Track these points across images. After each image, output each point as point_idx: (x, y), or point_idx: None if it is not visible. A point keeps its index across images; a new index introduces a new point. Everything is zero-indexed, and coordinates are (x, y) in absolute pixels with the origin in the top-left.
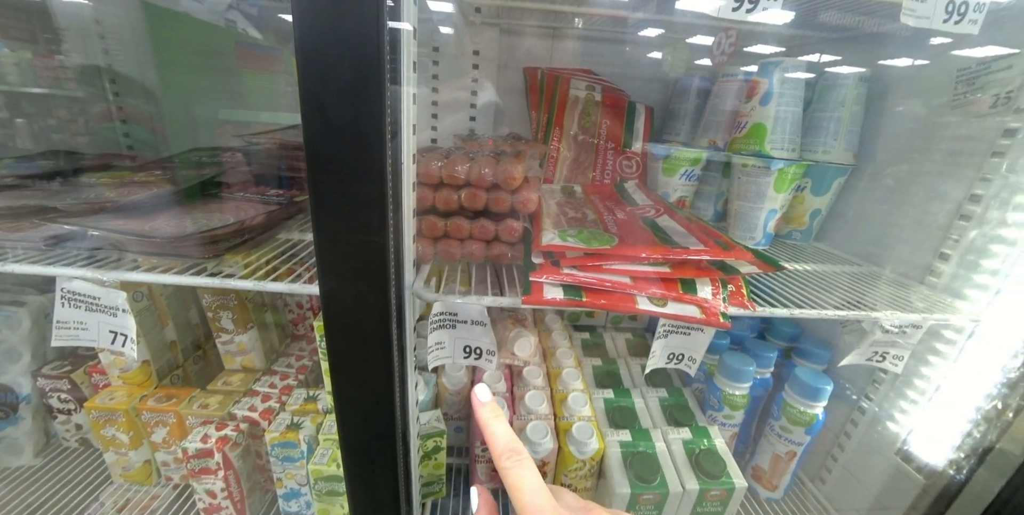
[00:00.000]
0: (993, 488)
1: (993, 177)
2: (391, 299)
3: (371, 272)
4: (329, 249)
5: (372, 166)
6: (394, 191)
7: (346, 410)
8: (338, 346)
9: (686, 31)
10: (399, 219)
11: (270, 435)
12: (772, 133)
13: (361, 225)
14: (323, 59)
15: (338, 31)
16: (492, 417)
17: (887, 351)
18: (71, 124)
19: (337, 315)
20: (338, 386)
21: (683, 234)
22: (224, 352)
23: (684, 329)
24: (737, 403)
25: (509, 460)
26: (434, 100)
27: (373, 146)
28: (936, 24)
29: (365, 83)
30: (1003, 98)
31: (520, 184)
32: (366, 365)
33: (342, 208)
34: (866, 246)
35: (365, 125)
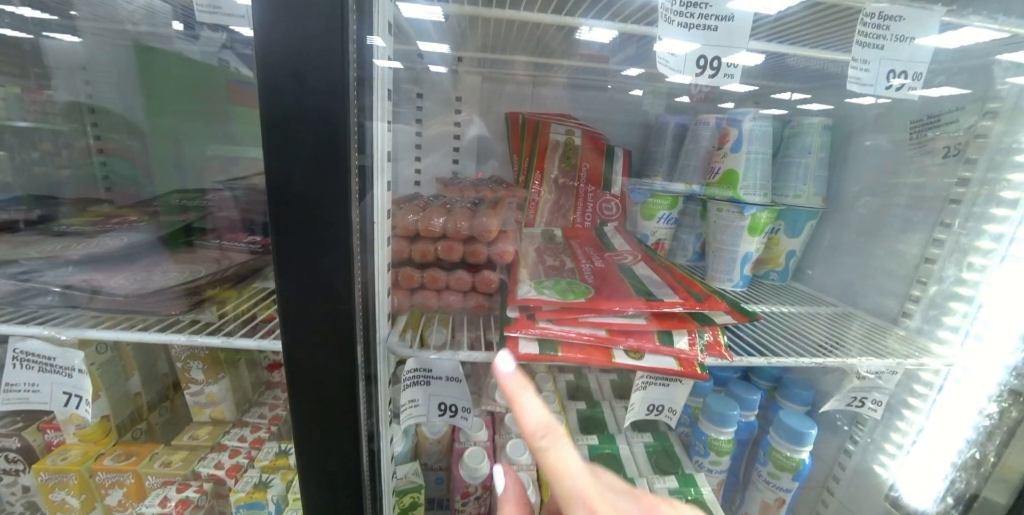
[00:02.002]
0: None
1: (951, 222)
2: (357, 357)
3: (336, 336)
4: (292, 315)
5: (336, 236)
6: (364, 248)
7: (309, 473)
8: (301, 407)
9: (663, 78)
10: (370, 274)
11: (235, 496)
12: (744, 179)
13: (325, 293)
14: (289, 134)
15: (304, 105)
16: (519, 387)
17: (865, 396)
18: (54, 158)
19: (300, 377)
20: (301, 450)
21: (659, 284)
22: (193, 403)
23: (663, 380)
24: (723, 448)
25: (544, 439)
26: (417, 143)
27: (336, 217)
28: (879, 90)
29: (331, 156)
30: (953, 150)
31: (496, 236)
32: (330, 427)
33: (305, 276)
34: (841, 286)
35: (328, 197)
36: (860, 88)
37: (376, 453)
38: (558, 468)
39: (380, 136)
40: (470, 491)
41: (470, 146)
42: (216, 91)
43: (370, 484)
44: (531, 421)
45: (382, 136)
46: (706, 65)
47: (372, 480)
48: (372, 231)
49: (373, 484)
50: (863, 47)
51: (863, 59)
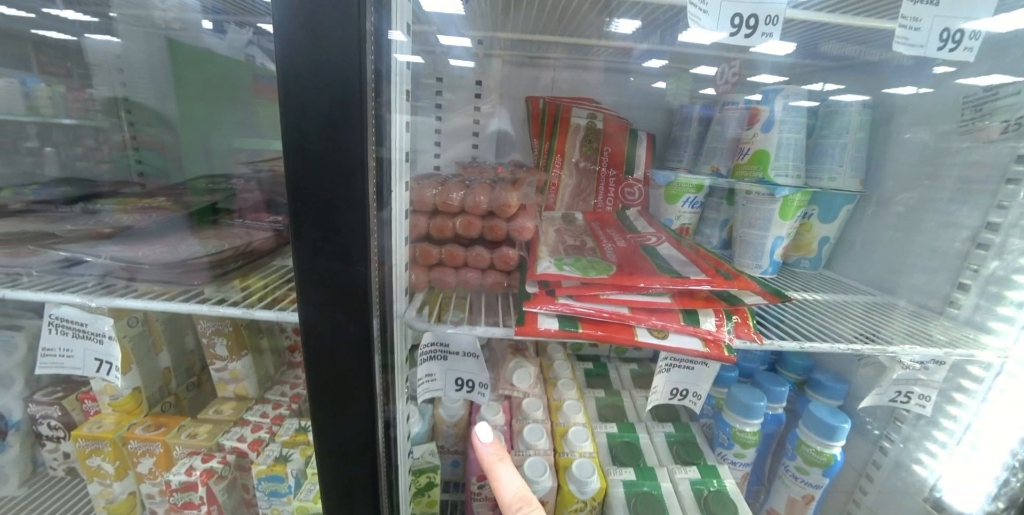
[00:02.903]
0: None
1: (1010, 204)
2: (372, 329)
3: (351, 301)
4: (308, 277)
5: (352, 196)
6: (381, 218)
7: (325, 444)
8: (317, 377)
9: (689, 61)
10: (387, 247)
11: (257, 468)
12: (775, 160)
13: (340, 253)
14: (304, 91)
15: (319, 62)
16: (497, 460)
17: (911, 390)
18: (95, 152)
19: (316, 345)
20: (317, 420)
21: (684, 263)
22: (217, 379)
23: (687, 363)
24: (748, 441)
25: (520, 511)
26: (437, 128)
27: (352, 176)
28: (931, 52)
29: (345, 113)
30: (1013, 124)
31: (516, 211)
32: (346, 398)
33: (320, 235)
34: (878, 275)
35: (344, 155)
36: (908, 49)
37: (392, 428)
38: None
39: (397, 103)
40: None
41: (490, 131)
42: (242, 85)
43: (385, 458)
44: (508, 493)
45: (399, 104)
46: (742, 24)
47: (388, 454)
48: (389, 200)
49: (388, 458)
50: (915, 3)
51: (914, 17)
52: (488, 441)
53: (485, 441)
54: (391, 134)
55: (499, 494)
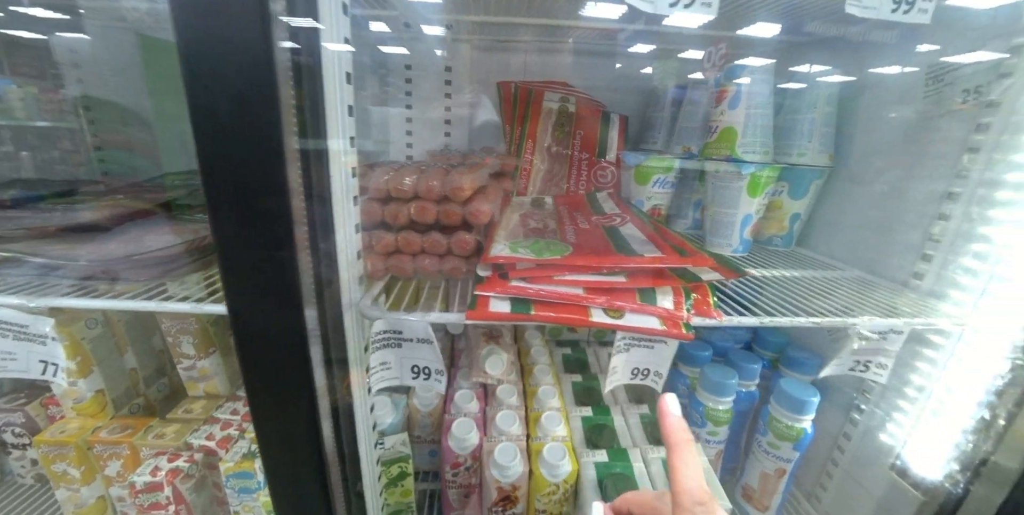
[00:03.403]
0: (992, 504)
1: (969, 174)
2: (305, 319)
3: (279, 291)
4: (230, 266)
5: (269, 181)
6: (315, 205)
7: (265, 439)
8: (250, 370)
9: (663, 41)
10: (331, 234)
11: (225, 465)
12: (743, 137)
13: (261, 241)
14: (208, 72)
15: (222, 41)
16: (686, 440)
17: (870, 360)
18: (54, 152)
19: (246, 337)
20: (256, 415)
21: (643, 241)
22: (186, 378)
23: (647, 342)
24: (720, 418)
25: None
26: (408, 117)
27: (267, 160)
28: (884, 14)
29: (254, 95)
30: (973, 93)
31: (470, 195)
32: (283, 392)
33: (238, 223)
34: (849, 249)
35: (255, 139)
36: (861, 11)
37: (348, 419)
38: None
39: (334, 87)
40: (460, 461)
41: (462, 118)
42: None
43: (338, 451)
44: (691, 481)
45: (337, 87)
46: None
47: (340, 447)
48: (328, 186)
49: (341, 451)
50: None
51: None
52: (678, 414)
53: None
54: (328, 119)
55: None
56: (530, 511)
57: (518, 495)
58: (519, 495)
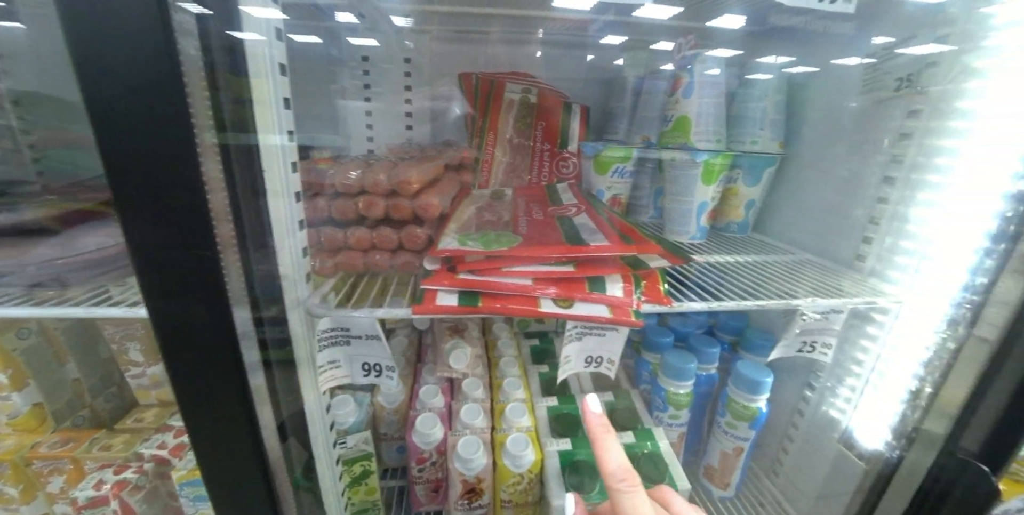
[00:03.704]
0: (922, 467)
1: (904, 158)
2: (233, 320)
3: (199, 292)
4: (144, 265)
5: (177, 176)
6: (256, 201)
7: (201, 447)
8: (177, 376)
9: (628, 31)
10: (269, 231)
11: (177, 474)
12: (696, 125)
13: (174, 240)
14: (102, 63)
15: (115, 25)
16: (604, 431)
17: (815, 341)
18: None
19: (169, 341)
20: (188, 422)
21: (592, 231)
22: (136, 386)
23: (599, 330)
24: (681, 402)
25: (624, 483)
26: (368, 110)
27: (174, 154)
28: (811, 3)
29: (155, 84)
30: (905, 81)
31: (419, 188)
32: (212, 396)
33: (146, 220)
34: (801, 234)
35: (160, 128)
36: (790, 0)
37: (288, 421)
38: (631, 513)
39: (267, 78)
40: (425, 457)
41: (423, 112)
42: None
43: (285, 454)
44: (613, 463)
45: (269, 79)
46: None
47: (287, 450)
48: (260, 181)
49: (288, 454)
50: None
51: None
52: (597, 411)
53: (595, 411)
54: (257, 112)
55: (603, 463)
56: (496, 502)
57: (483, 487)
58: (484, 487)
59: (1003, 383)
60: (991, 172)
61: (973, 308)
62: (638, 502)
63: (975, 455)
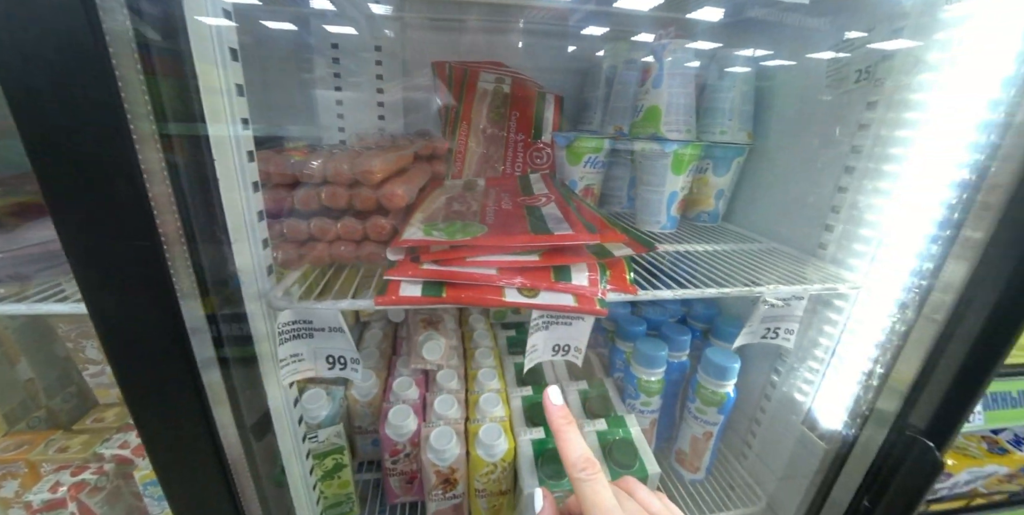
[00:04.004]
0: (875, 445)
1: (862, 148)
2: (181, 314)
3: (141, 285)
4: (79, 259)
5: (113, 161)
6: (207, 192)
7: (153, 449)
8: (122, 373)
9: (603, 21)
10: (220, 222)
11: (140, 473)
12: (666, 115)
13: (110, 231)
14: (16, 37)
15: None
16: (565, 423)
17: (779, 327)
18: None
19: (111, 338)
20: (138, 420)
21: (558, 220)
22: (95, 385)
23: (565, 319)
24: (652, 389)
25: (584, 472)
26: (338, 100)
27: (109, 140)
28: None
29: (80, 69)
30: (864, 73)
31: (383, 178)
32: (162, 393)
33: (75, 208)
34: (768, 223)
35: (88, 115)
36: None
37: (247, 416)
38: (594, 500)
39: (216, 64)
40: (399, 449)
41: (396, 100)
42: None
43: (245, 451)
44: (574, 453)
45: (219, 64)
46: None
47: (248, 446)
48: (214, 173)
49: (250, 449)
50: None
51: None
52: (559, 404)
53: (556, 403)
54: (205, 99)
55: (565, 453)
56: (470, 491)
57: (457, 477)
58: (458, 477)
59: (947, 363)
60: (940, 162)
61: (921, 292)
62: (599, 488)
63: (922, 432)
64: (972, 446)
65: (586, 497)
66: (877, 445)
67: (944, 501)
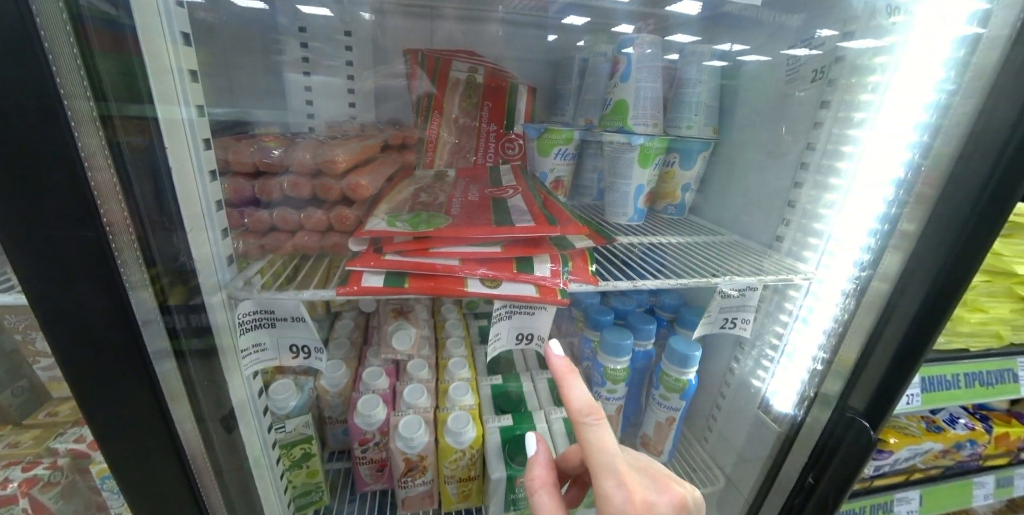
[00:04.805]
0: (819, 426)
1: (816, 145)
2: (129, 306)
3: (84, 276)
4: (15, 248)
5: (42, 146)
6: (157, 179)
7: (105, 441)
8: (72, 373)
9: (570, 12)
10: (175, 211)
11: (97, 467)
12: (634, 109)
13: (47, 216)
14: None
15: None
16: (568, 371)
17: (736, 317)
18: None
19: (56, 332)
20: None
21: (522, 212)
22: (47, 379)
23: (527, 309)
24: (618, 377)
25: (590, 417)
26: (307, 85)
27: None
28: None
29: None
30: (819, 73)
31: (347, 168)
32: (112, 387)
33: (13, 194)
34: (731, 217)
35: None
36: None
37: (206, 407)
38: (598, 445)
39: (165, 48)
40: (368, 437)
41: (367, 88)
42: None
43: (206, 442)
44: (579, 401)
45: (170, 48)
46: None
47: (208, 439)
48: (166, 160)
49: (210, 441)
50: None
51: None
52: (560, 354)
53: (558, 354)
54: (153, 83)
55: (569, 400)
56: (439, 478)
57: (426, 465)
58: (427, 464)
59: (883, 348)
60: (883, 160)
61: (862, 282)
62: (603, 433)
63: (860, 413)
64: (912, 425)
65: (591, 443)
66: (821, 426)
67: (887, 476)
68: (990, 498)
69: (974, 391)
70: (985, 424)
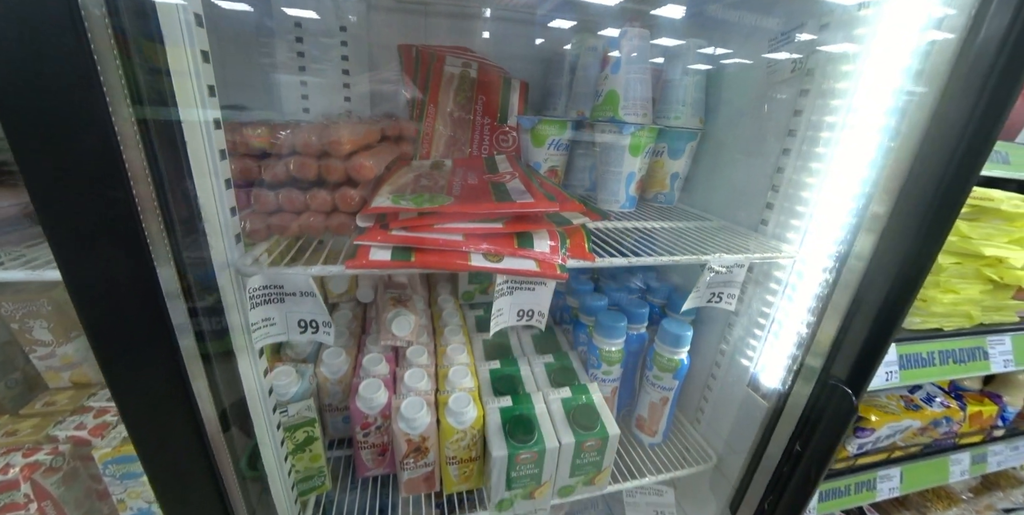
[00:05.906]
0: (804, 396)
1: (796, 132)
2: (156, 280)
3: (116, 246)
4: (51, 220)
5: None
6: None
7: (130, 412)
8: (102, 347)
9: (570, 12)
10: (188, 189)
11: (100, 452)
12: (624, 100)
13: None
14: None
15: None
16: None
17: (722, 292)
18: None
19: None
20: (111, 379)
21: (521, 192)
22: (44, 368)
23: (529, 284)
24: (613, 358)
25: None
26: (302, 80)
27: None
28: None
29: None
30: (798, 64)
31: (351, 150)
32: (136, 355)
33: (54, 178)
34: (718, 203)
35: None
36: None
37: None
38: None
39: (181, 32)
40: (370, 421)
41: (361, 81)
42: None
43: (223, 420)
44: None
45: (186, 33)
46: None
47: (224, 416)
48: (183, 136)
49: (226, 420)
50: None
51: None
52: None
53: None
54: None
55: None
56: (441, 458)
57: (428, 446)
58: (428, 445)
59: (861, 319)
60: (858, 144)
61: (840, 260)
62: None
63: (842, 380)
64: (892, 404)
65: None
66: (805, 397)
67: (869, 454)
68: (966, 474)
69: (948, 368)
70: (960, 402)
